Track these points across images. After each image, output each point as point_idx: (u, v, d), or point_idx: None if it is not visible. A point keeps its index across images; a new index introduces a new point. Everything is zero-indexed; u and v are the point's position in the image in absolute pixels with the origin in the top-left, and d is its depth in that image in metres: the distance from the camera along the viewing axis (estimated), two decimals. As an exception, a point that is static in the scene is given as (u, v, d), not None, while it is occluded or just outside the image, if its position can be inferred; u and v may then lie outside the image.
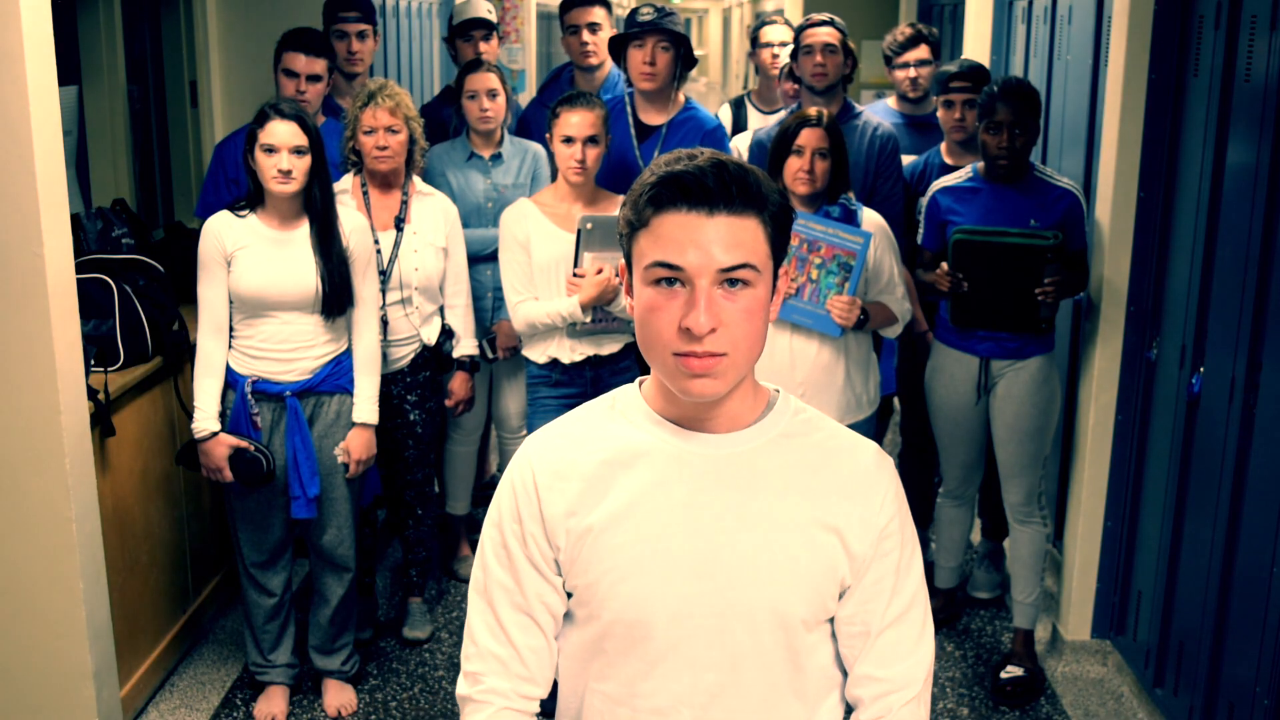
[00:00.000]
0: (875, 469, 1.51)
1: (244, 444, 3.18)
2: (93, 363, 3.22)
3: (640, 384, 1.53)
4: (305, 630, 3.56)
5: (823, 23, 3.97)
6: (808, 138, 3.27)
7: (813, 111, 3.33)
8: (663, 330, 1.39)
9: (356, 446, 3.30)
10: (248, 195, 3.23)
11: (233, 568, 3.88)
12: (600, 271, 3.28)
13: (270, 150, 3.09)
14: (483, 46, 4.38)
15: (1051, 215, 3.45)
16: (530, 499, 1.49)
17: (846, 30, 3.99)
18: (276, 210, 3.18)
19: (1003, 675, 3.57)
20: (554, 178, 3.63)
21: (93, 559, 3.05)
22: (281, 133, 3.09)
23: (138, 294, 3.43)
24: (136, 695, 3.41)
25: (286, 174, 3.09)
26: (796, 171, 3.28)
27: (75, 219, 3.54)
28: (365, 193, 3.55)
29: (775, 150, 3.34)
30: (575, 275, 3.31)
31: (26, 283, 2.83)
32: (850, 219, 3.32)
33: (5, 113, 2.74)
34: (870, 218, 3.37)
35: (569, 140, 3.33)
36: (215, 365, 3.19)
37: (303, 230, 3.19)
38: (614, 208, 3.32)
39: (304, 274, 3.16)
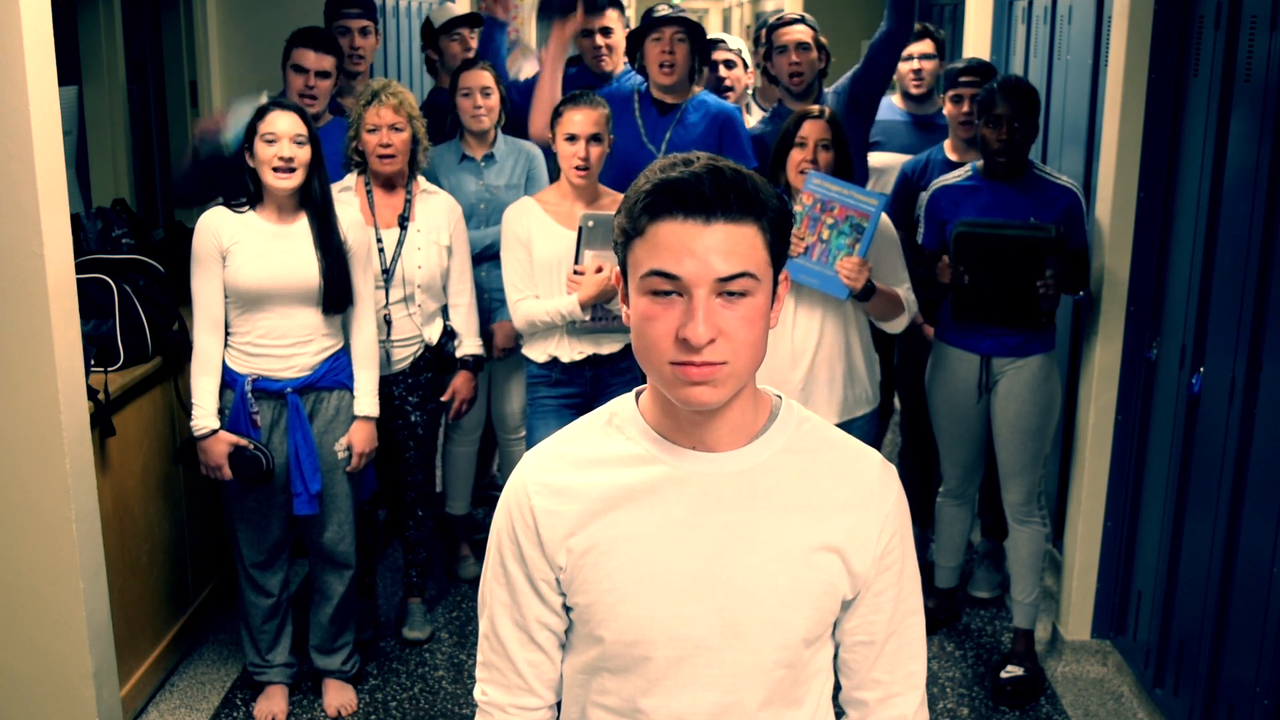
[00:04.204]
0: (879, 484, 1.48)
1: (243, 442, 3.18)
2: (93, 363, 3.22)
3: (638, 396, 1.51)
4: (305, 630, 3.56)
5: (795, 21, 3.97)
6: (810, 130, 3.28)
7: (814, 107, 3.35)
8: (660, 340, 1.35)
9: (359, 440, 3.30)
10: (245, 192, 3.22)
11: (232, 568, 3.88)
12: (600, 270, 3.27)
13: (271, 140, 3.09)
14: (471, 42, 4.37)
15: (1051, 213, 3.45)
16: (527, 522, 1.46)
17: (818, 27, 3.99)
18: (274, 205, 3.18)
19: (1003, 675, 3.57)
20: (554, 178, 3.63)
21: (93, 559, 3.05)
22: (283, 123, 3.10)
23: (138, 294, 3.43)
24: (136, 695, 3.41)
25: (288, 162, 3.09)
26: (800, 163, 3.28)
27: (75, 219, 3.54)
28: (369, 191, 3.55)
29: (778, 146, 3.34)
30: (575, 273, 3.31)
31: (26, 283, 2.83)
32: None
33: (5, 113, 2.74)
34: None
35: (572, 138, 3.33)
36: (213, 362, 3.18)
37: (301, 224, 3.19)
38: (616, 206, 3.32)
39: (305, 266, 3.16)
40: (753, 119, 4.78)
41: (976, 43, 5.40)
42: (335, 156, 3.53)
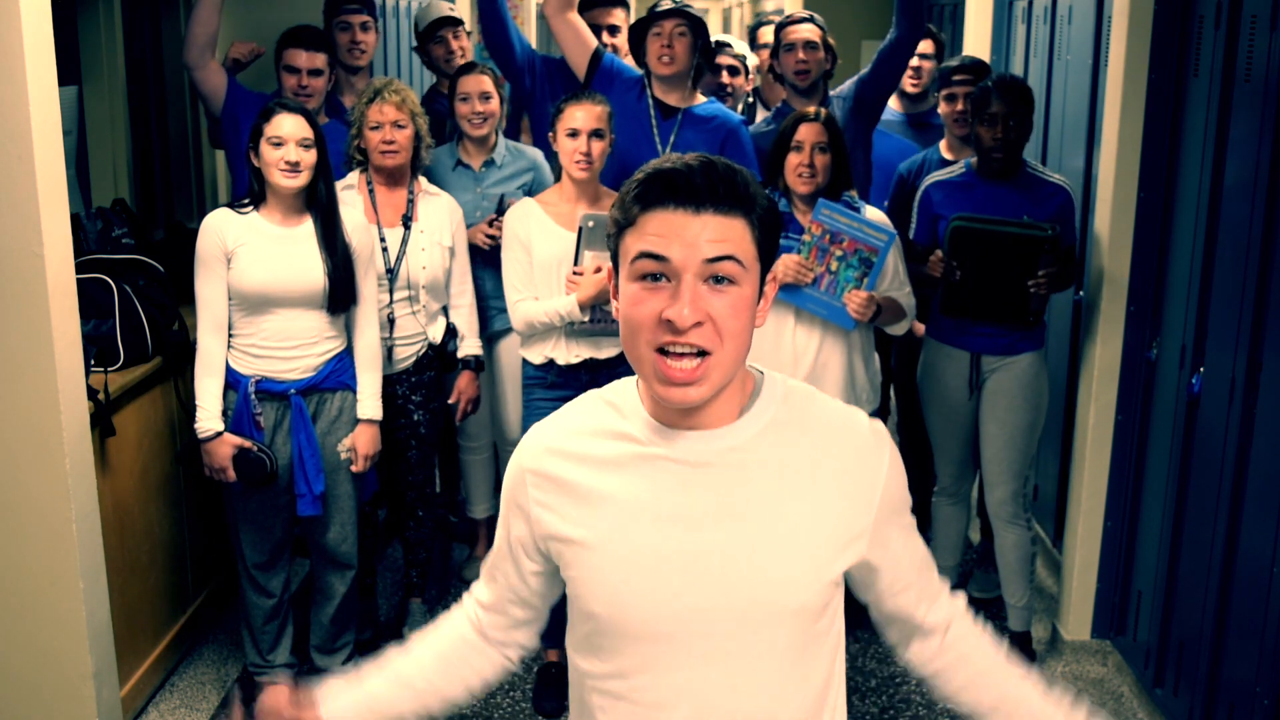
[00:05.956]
0: (872, 444, 1.49)
1: (247, 444, 3.18)
2: (93, 363, 3.22)
3: (638, 379, 1.53)
4: (305, 630, 3.56)
5: (803, 20, 3.96)
6: (806, 133, 3.29)
7: (810, 109, 3.35)
8: (644, 321, 1.38)
9: (363, 442, 3.30)
10: (249, 193, 3.23)
11: (233, 568, 3.88)
12: (599, 270, 3.26)
13: (278, 143, 3.10)
14: (454, 44, 4.37)
15: (1044, 211, 3.46)
16: (520, 496, 1.53)
17: (826, 27, 3.99)
18: (279, 206, 3.18)
19: None
20: (557, 178, 3.62)
21: (93, 559, 3.05)
22: (289, 126, 3.10)
23: (138, 294, 3.43)
24: (136, 695, 3.41)
25: (294, 165, 3.09)
26: (797, 167, 3.29)
27: (75, 219, 3.54)
28: (371, 190, 3.55)
29: (775, 149, 3.35)
30: (574, 273, 3.30)
31: (26, 283, 2.83)
32: None
33: (5, 113, 2.74)
34: (874, 215, 3.38)
35: (574, 133, 3.30)
36: (216, 364, 3.18)
37: (306, 226, 3.20)
38: None
39: (311, 269, 3.16)
40: (757, 120, 4.79)
41: (976, 43, 5.40)
42: (335, 158, 3.53)
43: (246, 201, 3.21)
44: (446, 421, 3.98)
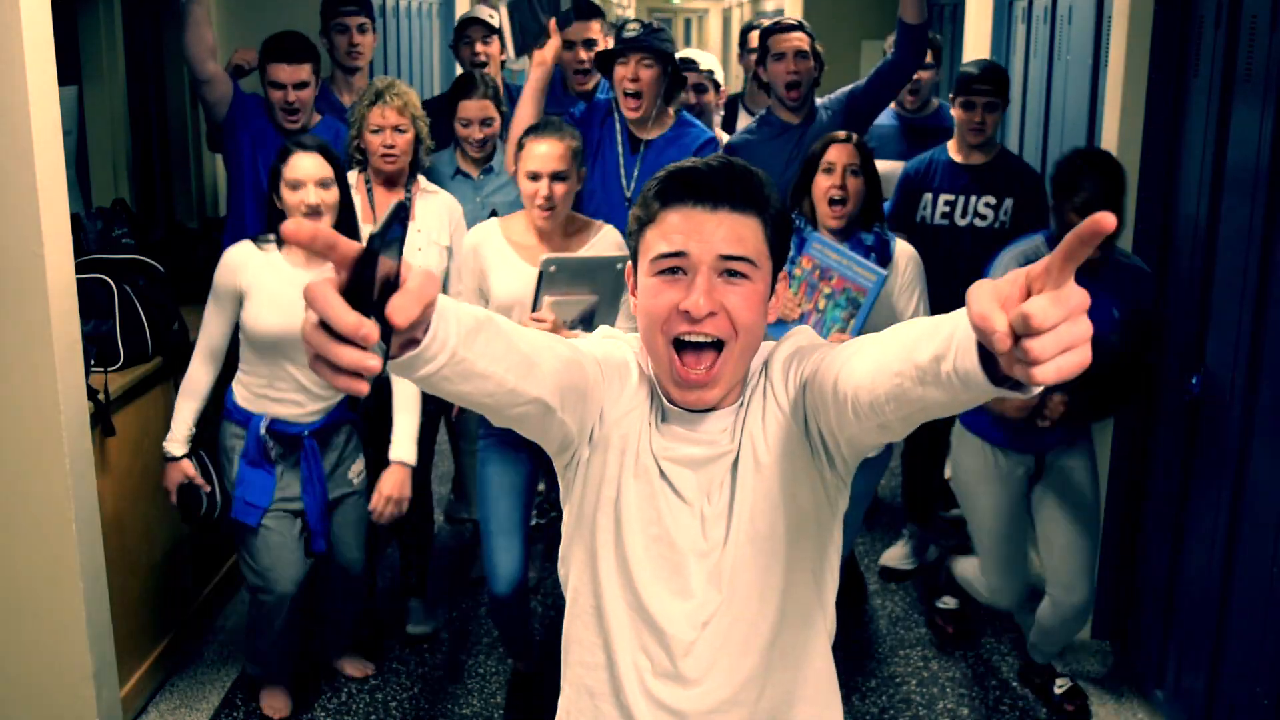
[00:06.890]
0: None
1: (199, 480, 3.16)
2: (93, 363, 3.22)
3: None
4: (306, 631, 3.56)
5: (793, 27, 3.82)
6: (838, 154, 3.13)
7: (841, 132, 3.23)
8: (661, 312, 1.45)
9: (391, 484, 3.21)
10: (275, 228, 3.16)
11: (233, 567, 3.88)
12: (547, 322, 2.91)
13: (296, 186, 2.99)
14: (480, 47, 4.37)
15: (1127, 299, 3.16)
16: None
17: (814, 34, 3.90)
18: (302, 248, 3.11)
19: (1058, 691, 3.47)
20: None
21: (93, 559, 3.05)
22: (306, 166, 2.99)
23: (138, 294, 3.43)
24: (136, 695, 3.41)
25: (314, 209, 2.97)
26: (828, 190, 3.12)
27: (75, 219, 3.54)
28: (369, 190, 3.54)
29: (803, 171, 3.21)
30: (533, 319, 2.93)
31: (26, 283, 2.83)
32: (884, 249, 3.17)
33: (5, 113, 2.74)
34: (903, 249, 3.21)
35: (534, 176, 2.99)
36: (200, 390, 3.16)
37: (328, 269, 3.11)
38: (590, 237, 3.14)
39: None
40: (740, 124, 4.76)
41: (976, 43, 5.40)
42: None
43: (272, 237, 3.11)
44: (445, 426, 3.99)
